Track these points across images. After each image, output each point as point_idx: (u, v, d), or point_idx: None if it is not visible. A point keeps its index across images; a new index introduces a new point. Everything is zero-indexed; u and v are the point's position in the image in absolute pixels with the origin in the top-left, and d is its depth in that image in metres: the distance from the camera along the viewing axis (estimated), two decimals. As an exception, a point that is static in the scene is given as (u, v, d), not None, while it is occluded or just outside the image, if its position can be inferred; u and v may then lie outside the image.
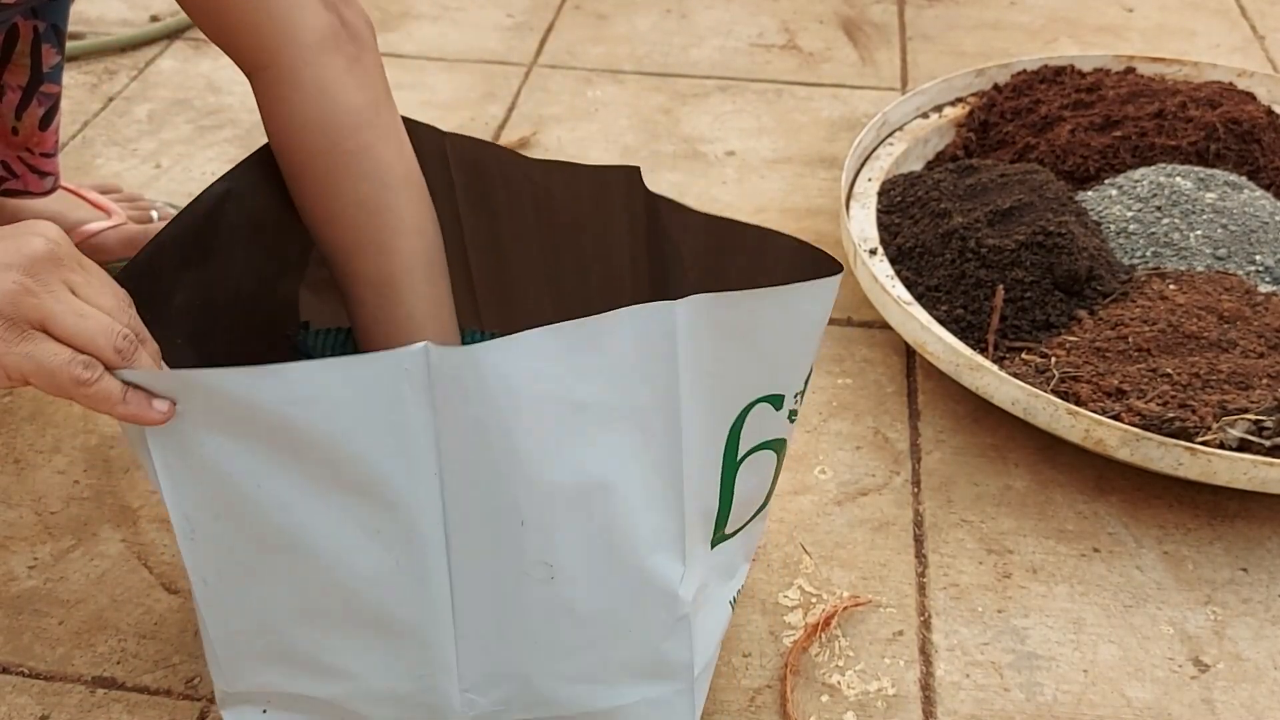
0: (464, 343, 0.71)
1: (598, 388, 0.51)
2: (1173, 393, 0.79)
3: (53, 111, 0.89)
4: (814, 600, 0.73)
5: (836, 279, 0.55)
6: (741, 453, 0.58)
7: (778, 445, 0.60)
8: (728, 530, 0.61)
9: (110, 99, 1.27)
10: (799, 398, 0.59)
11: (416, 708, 0.60)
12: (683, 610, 0.58)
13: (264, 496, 0.53)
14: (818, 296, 0.55)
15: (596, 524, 0.54)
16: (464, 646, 0.57)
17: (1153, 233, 0.94)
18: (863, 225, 0.97)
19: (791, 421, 0.60)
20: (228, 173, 0.64)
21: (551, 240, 0.71)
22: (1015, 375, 0.82)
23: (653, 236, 0.67)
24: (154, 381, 0.49)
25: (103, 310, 0.48)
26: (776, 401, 0.58)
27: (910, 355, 0.93)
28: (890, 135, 1.10)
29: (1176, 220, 0.94)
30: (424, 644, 0.58)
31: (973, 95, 1.16)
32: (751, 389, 0.56)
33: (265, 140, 0.66)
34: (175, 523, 0.55)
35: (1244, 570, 0.76)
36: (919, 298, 0.90)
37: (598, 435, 0.52)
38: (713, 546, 0.61)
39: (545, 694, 0.59)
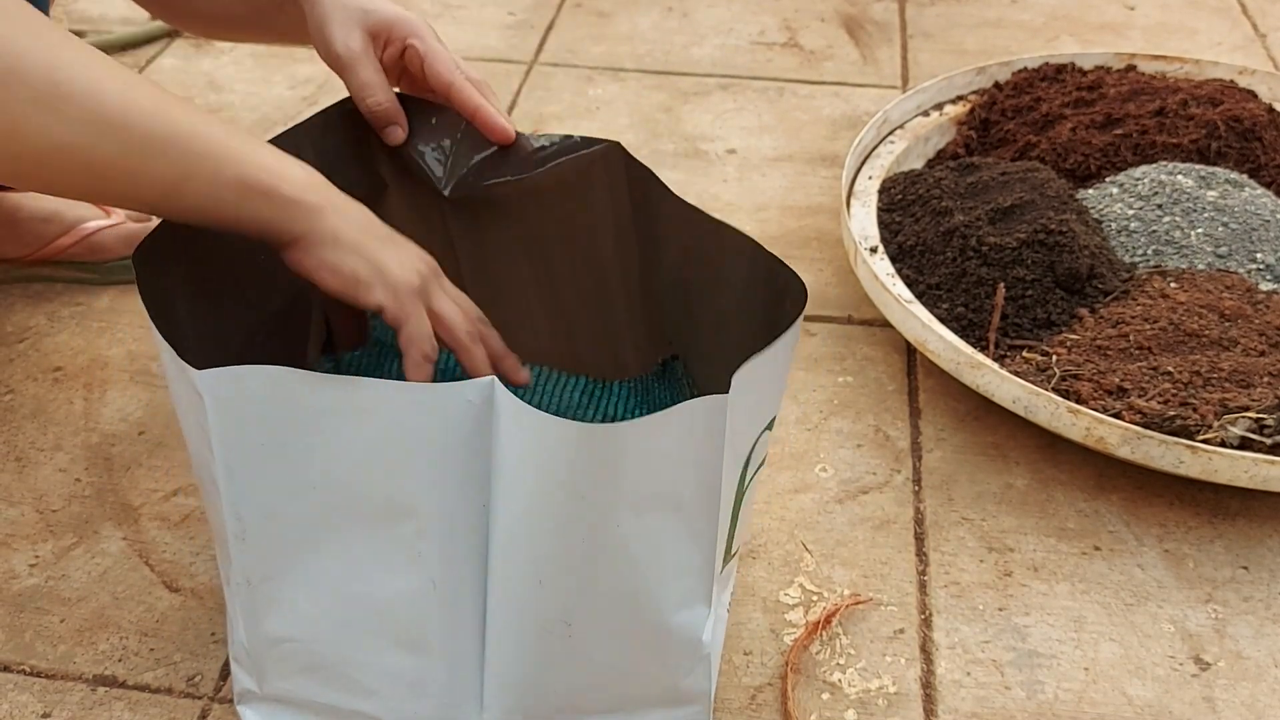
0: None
1: (645, 479, 0.51)
2: (1174, 391, 0.79)
3: None
4: (815, 598, 0.73)
5: (802, 313, 0.55)
6: (748, 481, 0.58)
7: (765, 460, 0.61)
8: (732, 550, 0.61)
9: (111, 97, 1.26)
10: None
11: None
12: (705, 652, 0.59)
13: (319, 501, 0.53)
14: (798, 325, 0.55)
15: (621, 591, 0.55)
16: (490, 674, 0.58)
17: (1154, 231, 0.94)
18: (863, 223, 0.97)
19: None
20: None
21: (537, 233, 0.71)
22: (1016, 373, 0.82)
23: (638, 217, 0.67)
24: (225, 375, 0.50)
25: (461, 306, 0.63)
26: (772, 424, 0.58)
27: (911, 353, 0.93)
28: (891, 133, 1.09)
29: (1177, 218, 0.94)
30: (450, 668, 0.58)
31: (974, 93, 1.16)
32: (760, 424, 0.57)
33: (267, 137, 0.66)
34: (228, 523, 0.55)
35: (1245, 568, 0.76)
36: (920, 296, 0.90)
37: (635, 520, 0.52)
38: (721, 571, 0.61)
39: None
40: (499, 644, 0.57)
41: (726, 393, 0.50)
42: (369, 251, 0.59)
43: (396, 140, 0.68)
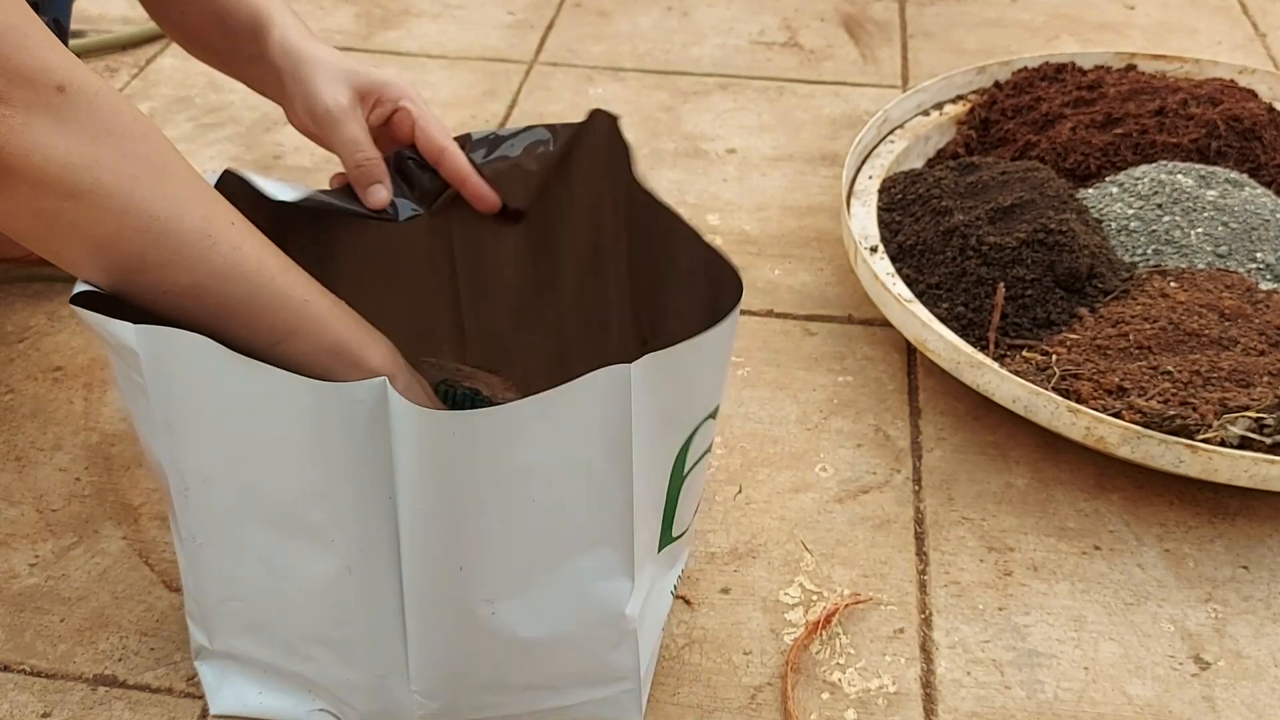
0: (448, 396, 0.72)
1: (553, 451, 0.52)
2: (1173, 390, 0.79)
3: None
4: (815, 598, 0.73)
5: (738, 307, 0.55)
6: (688, 468, 0.59)
7: (710, 448, 0.61)
8: (674, 534, 0.62)
9: (111, 97, 1.26)
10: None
11: (375, 698, 0.62)
12: (630, 626, 0.59)
13: (244, 472, 0.55)
14: (734, 322, 0.55)
15: (539, 564, 0.55)
16: (414, 653, 0.59)
17: (1154, 230, 0.94)
18: (863, 223, 0.97)
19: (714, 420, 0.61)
20: None
21: (537, 225, 0.71)
22: (1016, 373, 0.82)
23: (618, 195, 0.67)
24: (174, 339, 0.52)
25: None
26: (715, 413, 0.59)
27: (911, 353, 0.93)
28: (891, 133, 1.09)
29: (1177, 218, 0.94)
30: (375, 645, 0.59)
31: (974, 92, 1.16)
32: (698, 412, 0.57)
33: (267, 139, 0.66)
34: (171, 479, 0.57)
35: (1245, 568, 0.76)
36: (920, 295, 0.90)
37: (547, 491, 0.53)
38: (660, 551, 0.61)
39: (493, 699, 0.61)
40: (420, 626, 0.58)
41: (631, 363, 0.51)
42: None
43: (380, 202, 0.67)
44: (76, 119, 0.52)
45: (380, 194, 0.67)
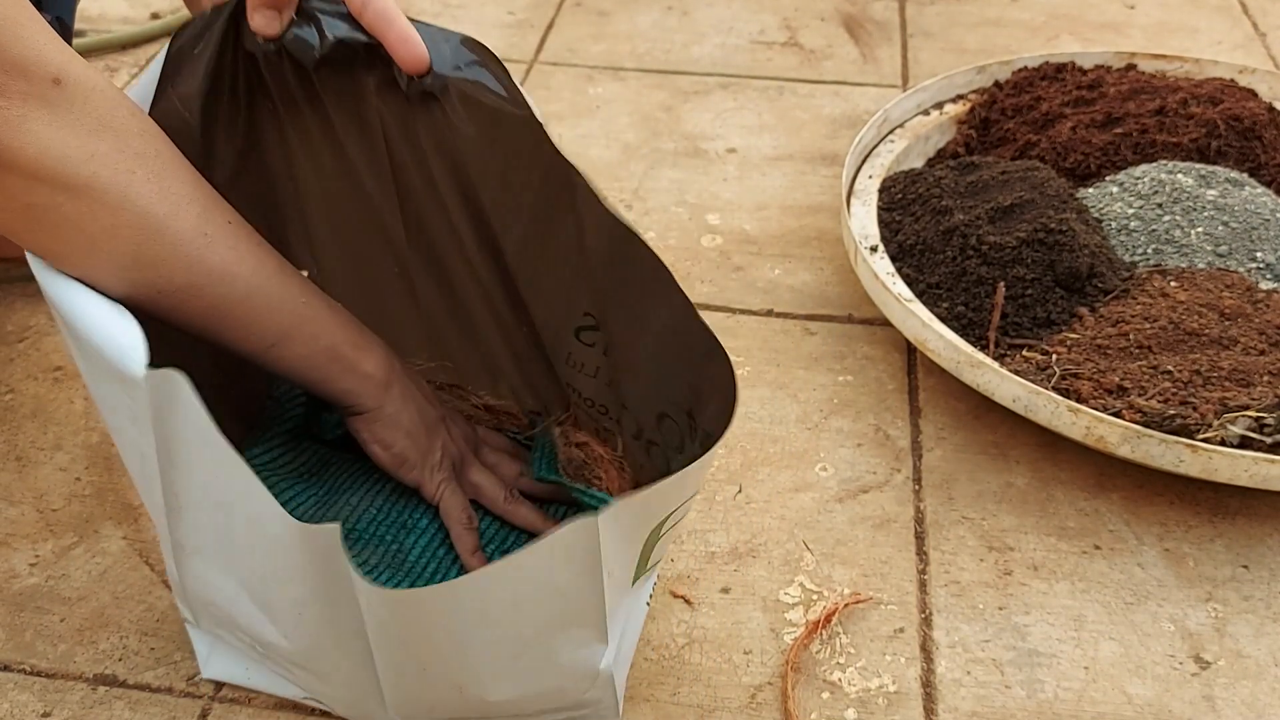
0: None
1: (518, 596, 0.52)
2: (1174, 390, 0.79)
3: None
4: (815, 597, 0.73)
5: (728, 430, 0.52)
6: (662, 533, 0.58)
7: (687, 511, 0.59)
8: (648, 567, 0.61)
9: (111, 96, 1.26)
10: None
11: (354, 709, 0.63)
12: (605, 676, 0.59)
13: (237, 524, 0.54)
14: (716, 449, 0.52)
15: (506, 657, 0.55)
16: (388, 693, 0.59)
17: (1154, 230, 0.94)
18: (864, 222, 0.97)
19: None
20: None
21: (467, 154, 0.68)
22: (1016, 372, 0.82)
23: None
24: (169, 377, 0.50)
25: (499, 472, 0.72)
26: (693, 499, 0.57)
27: (911, 352, 0.93)
28: (891, 132, 1.09)
29: (1178, 217, 0.94)
30: (350, 681, 0.60)
31: (974, 92, 1.16)
32: (669, 508, 0.56)
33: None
34: (163, 495, 0.56)
35: (1245, 567, 0.76)
36: (920, 295, 0.90)
37: (512, 616, 0.53)
38: (633, 584, 0.61)
39: None
40: (391, 683, 0.58)
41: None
42: (418, 437, 0.66)
43: (270, 30, 0.60)
44: (73, 112, 0.51)
45: (274, 23, 0.60)
